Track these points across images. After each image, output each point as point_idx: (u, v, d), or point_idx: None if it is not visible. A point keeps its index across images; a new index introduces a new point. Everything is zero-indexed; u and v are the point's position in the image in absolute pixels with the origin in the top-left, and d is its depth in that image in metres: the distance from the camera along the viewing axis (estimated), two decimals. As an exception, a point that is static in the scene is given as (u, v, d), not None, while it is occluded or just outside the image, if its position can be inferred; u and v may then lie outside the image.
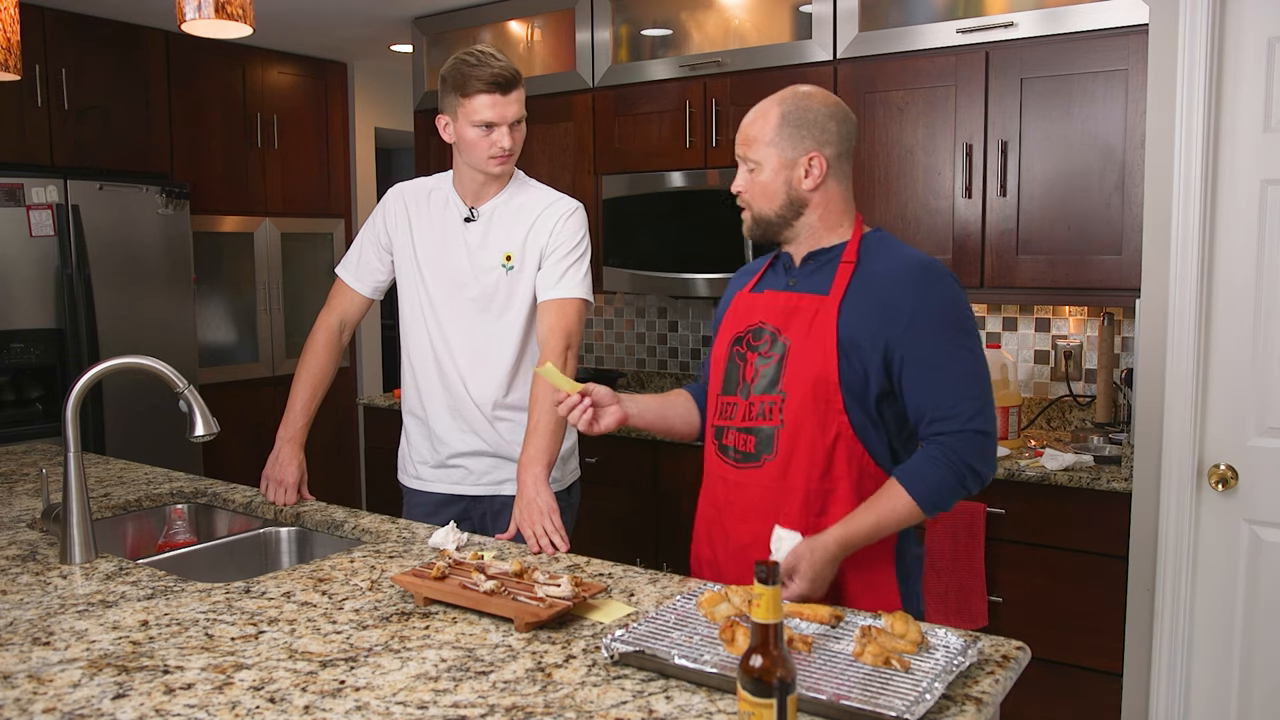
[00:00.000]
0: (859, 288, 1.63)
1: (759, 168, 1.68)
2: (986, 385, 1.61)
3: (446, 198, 2.26)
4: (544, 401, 2.07)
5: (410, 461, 2.38)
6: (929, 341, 1.58)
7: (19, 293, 3.66)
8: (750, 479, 1.69)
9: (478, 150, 2.12)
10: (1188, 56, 2.28)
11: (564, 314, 2.15)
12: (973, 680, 1.28)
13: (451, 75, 2.10)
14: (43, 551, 1.89)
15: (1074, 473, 2.59)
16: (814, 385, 1.62)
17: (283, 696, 1.26)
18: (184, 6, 1.88)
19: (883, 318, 1.60)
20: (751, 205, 1.71)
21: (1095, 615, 2.58)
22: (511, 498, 2.24)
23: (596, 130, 3.71)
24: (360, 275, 2.35)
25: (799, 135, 1.66)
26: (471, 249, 2.21)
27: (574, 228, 2.20)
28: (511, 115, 2.10)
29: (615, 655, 1.34)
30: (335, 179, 5.05)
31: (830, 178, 1.68)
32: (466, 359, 2.24)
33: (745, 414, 1.70)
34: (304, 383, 2.31)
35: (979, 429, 1.57)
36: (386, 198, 2.34)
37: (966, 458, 1.56)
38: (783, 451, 1.65)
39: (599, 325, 4.27)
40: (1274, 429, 2.28)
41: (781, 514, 1.65)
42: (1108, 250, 2.76)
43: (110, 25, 4.06)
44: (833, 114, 1.67)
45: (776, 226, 1.71)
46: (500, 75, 2.06)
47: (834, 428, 1.62)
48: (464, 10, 4.04)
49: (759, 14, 3.39)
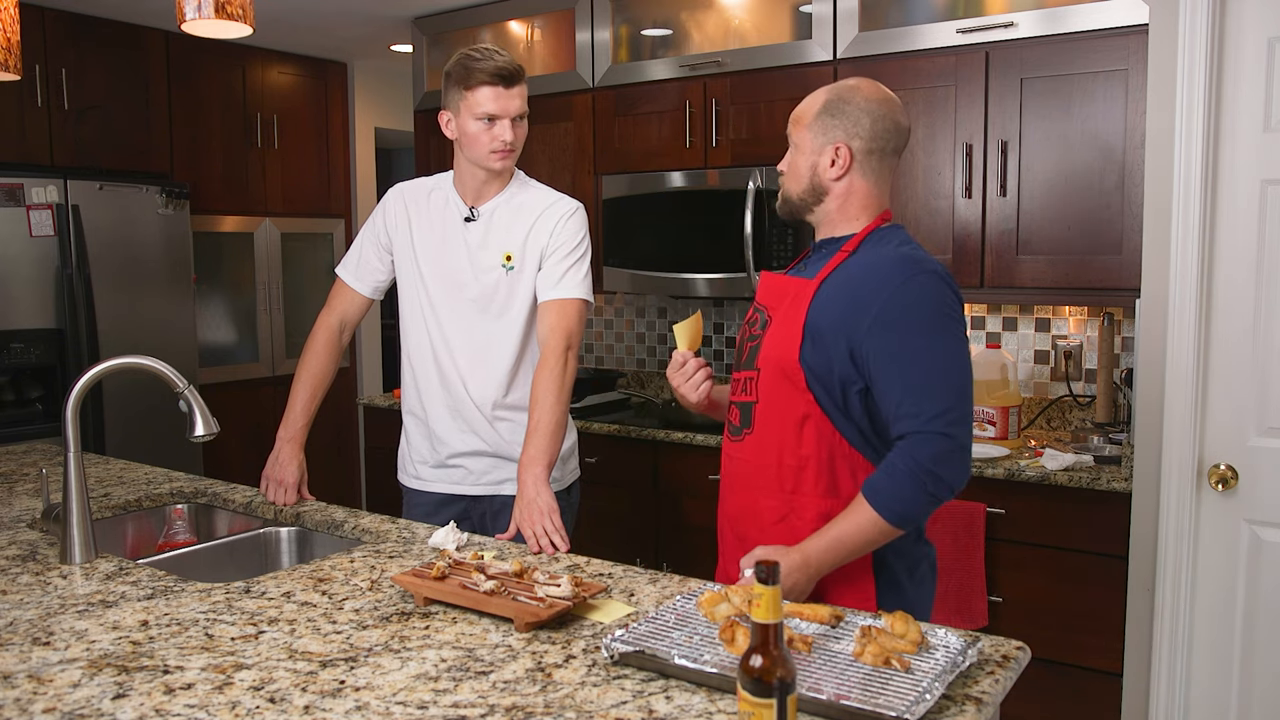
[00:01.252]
0: (839, 277, 1.65)
1: (797, 149, 1.72)
2: (958, 387, 1.55)
3: (447, 197, 2.26)
4: (544, 401, 2.07)
5: (410, 461, 2.38)
6: (896, 339, 1.55)
7: (19, 293, 3.66)
8: (737, 451, 1.75)
9: (479, 144, 2.12)
10: (1188, 56, 2.28)
11: (564, 314, 2.15)
12: (973, 680, 1.28)
13: (455, 69, 2.11)
14: (43, 551, 1.89)
15: (1074, 473, 2.59)
16: (779, 363, 1.65)
17: (283, 696, 1.26)
18: (184, 6, 1.88)
19: (850, 311, 1.59)
20: (785, 184, 1.75)
21: (1095, 615, 2.58)
22: (511, 497, 2.24)
23: (596, 130, 3.71)
24: (360, 275, 2.35)
25: (831, 124, 1.67)
26: (472, 249, 2.21)
27: (574, 228, 2.21)
28: (514, 109, 2.11)
29: (615, 655, 1.34)
30: (335, 179, 5.05)
31: (855, 171, 1.68)
32: (466, 359, 2.24)
33: (737, 389, 1.76)
34: (304, 383, 2.31)
35: (940, 430, 1.51)
36: (387, 197, 2.34)
37: (926, 463, 1.51)
38: (757, 426, 1.69)
39: (599, 325, 4.27)
40: (1274, 429, 2.28)
41: (758, 487, 1.70)
42: (1108, 250, 2.76)
43: (110, 25, 4.06)
44: (871, 110, 1.66)
45: (799, 208, 1.74)
46: (504, 69, 2.08)
47: (801, 406, 1.63)
48: (464, 10, 4.04)
49: (759, 14, 3.39)
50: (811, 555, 1.57)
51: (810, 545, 1.58)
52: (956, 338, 1.58)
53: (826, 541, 1.57)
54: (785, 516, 1.68)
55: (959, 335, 1.59)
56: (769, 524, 1.69)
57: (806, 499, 1.65)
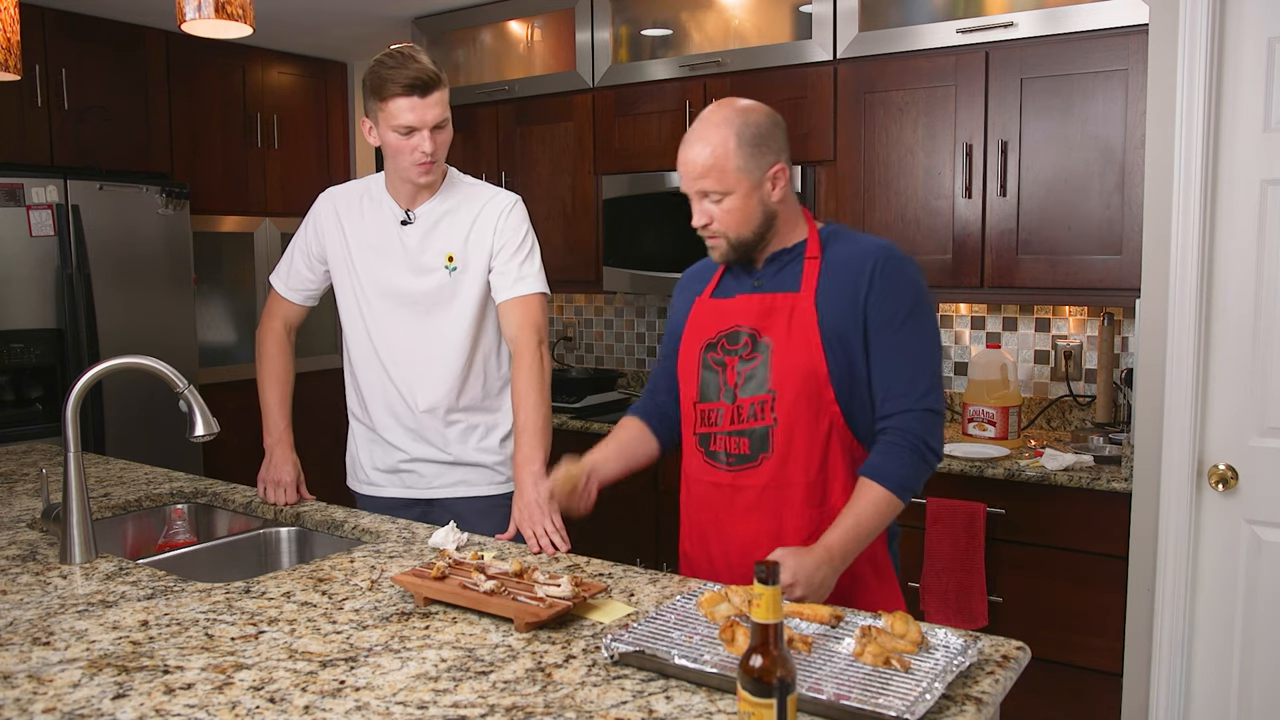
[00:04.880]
0: (828, 280, 1.68)
1: (727, 196, 1.66)
2: (938, 366, 1.69)
3: (379, 201, 2.20)
4: (528, 400, 2.06)
5: (359, 466, 2.35)
6: (888, 324, 1.65)
7: (19, 293, 3.65)
8: (748, 479, 1.71)
9: (400, 156, 2.06)
10: (1188, 57, 2.28)
11: (529, 310, 2.14)
12: (973, 680, 1.28)
13: (369, 78, 2.03)
14: (43, 551, 1.89)
15: (1074, 473, 2.59)
16: (804, 380, 1.65)
17: (283, 696, 1.26)
18: (184, 6, 1.88)
19: (852, 303, 1.66)
20: (726, 234, 1.70)
21: (1095, 615, 2.58)
22: (467, 499, 2.24)
23: (596, 130, 3.71)
24: (290, 284, 2.32)
25: (761, 152, 1.66)
26: (410, 252, 2.17)
27: (516, 222, 2.17)
28: (432, 119, 2.03)
29: (615, 655, 1.34)
30: (335, 179, 5.00)
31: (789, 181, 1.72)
32: (411, 365, 2.20)
33: (733, 418, 1.72)
34: (271, 388, 2.30)
35: (929, 407, 1.64)
36: (316, 204, 2.29)
37: (922, 435, 1.63)
38: (779, 448, 1.68)
39: (599, 325, 4.27)
40: (1274, 429, 2.28)
41: (785, 508, 1.69)
42: (1108, 250, 2.76)
43: (110, 25, 4.05)
44: (775, 120, 1.70)
45: (752, 245, 1.72)
46: (418, 77, 1.99)
47: (826, 419, 1.67)
48: (464, 10, 4.04)
49: (759, 14, 3.39)
50: (834, 546, 1.58)
51: (830, 538, 1.59)
52: (933, 316, 1.71)
53: (844, 529, 1.59)
54: (816, 530, 1.67)
55: (934, 313, 1.72)
56: (798, 543, 1.66)
57: (831, 510, 1.67)
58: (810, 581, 1.53)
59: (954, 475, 2.72)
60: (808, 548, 1.58)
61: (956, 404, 3.36)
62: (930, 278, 3.04)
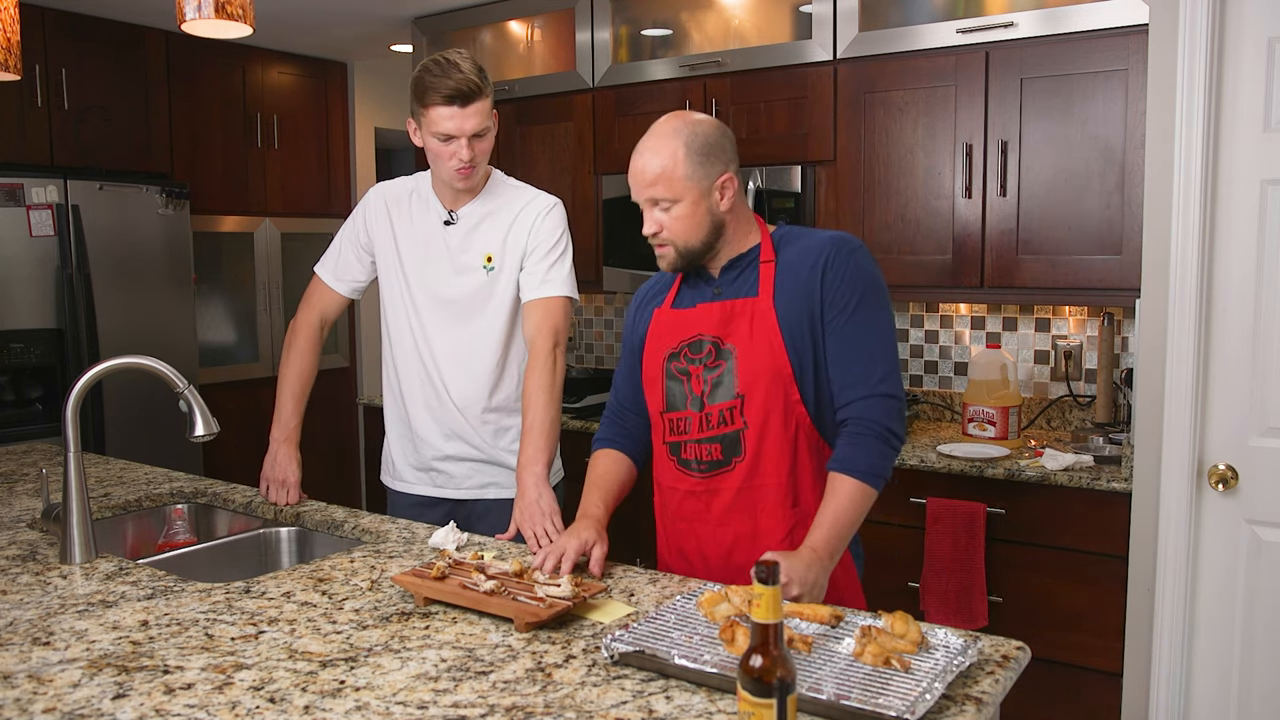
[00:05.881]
0: (784, 281, 1.70)
1: (676, 204, 1.70)
2: (892, 349, 1.71)
3: (426, 200, 2.23)
4: (537, 401, 2.06)
5: (391, 462, 2.36)
6: (841, 312, 1.67)
7: (19, 293, 3.66)
8: (722, 483, 1.74)
9: (440, 161, 2.09)
10: (1188, 57, 2.28)
11: (550, 313, 2.14)
12: (973, 680, 1.28)
13: (414, 83, 2.05)
14: (43, 551, 1.89)
15: (1074, 473, 2.59)
16: (770, 382, 1.68)
17: (283, 696, 1.26)
18: (184, 6, 1.88)
19: (807, 299, 1.68)
20: (675, 241, 1.73)
21: (1095, 615, 2.58)
22: (496, 501, 2.24)
23: (596, 130, 3.71)
24: (339, 275, 2.33)
25: (709, 161, 1.68)
26: (452, 251, 2.19)
27: (553, 225, 2.19)
28: (470, 128, 2.04)
29: (615, 655, 1.34)
30: (335, 179, 5.05)
31: (737, 191, 1.73)
32: (448, 362, 2.22)
33: (701, 425, 1.74)
34: (291, 382, 2.30)
35: (887, 393, 1.66)
36: (367, 197, 2.31)
37: (884, 421, 1.65)
38: (750, 451, 1.70)
39: (599, 325, 4.27)
40: (1274, 429, 2.28)
41: (760, 509, 1.71)
42: (1108, 250, 2.76)
43: (110, 25, 4.06)
44: (723, 132, 1.72)
45: (701, 254, 1.75)
46: (459, 88, 2.00)
47: (794, 419, 1.69)
48: (464, 10, 4.04)
49: (759, 14, 3.39)
50: (820, 546, 1.59)
51: (814, 538, 1.60)
52: (886, 303, 1.73)
53: (826, 527, 1.61)
54: (792, 529, 1.70)
55: (887, 300, 1.73)
56: (775, 543, 1.71)
57: (808, 506, 1.70)
58: (804, 581, 1.54)
59: (954, 475, 2.72)
60: (795, 550, 1.59)
61: (956, 404, 3.36)
62: (930, 278, 3.06)
